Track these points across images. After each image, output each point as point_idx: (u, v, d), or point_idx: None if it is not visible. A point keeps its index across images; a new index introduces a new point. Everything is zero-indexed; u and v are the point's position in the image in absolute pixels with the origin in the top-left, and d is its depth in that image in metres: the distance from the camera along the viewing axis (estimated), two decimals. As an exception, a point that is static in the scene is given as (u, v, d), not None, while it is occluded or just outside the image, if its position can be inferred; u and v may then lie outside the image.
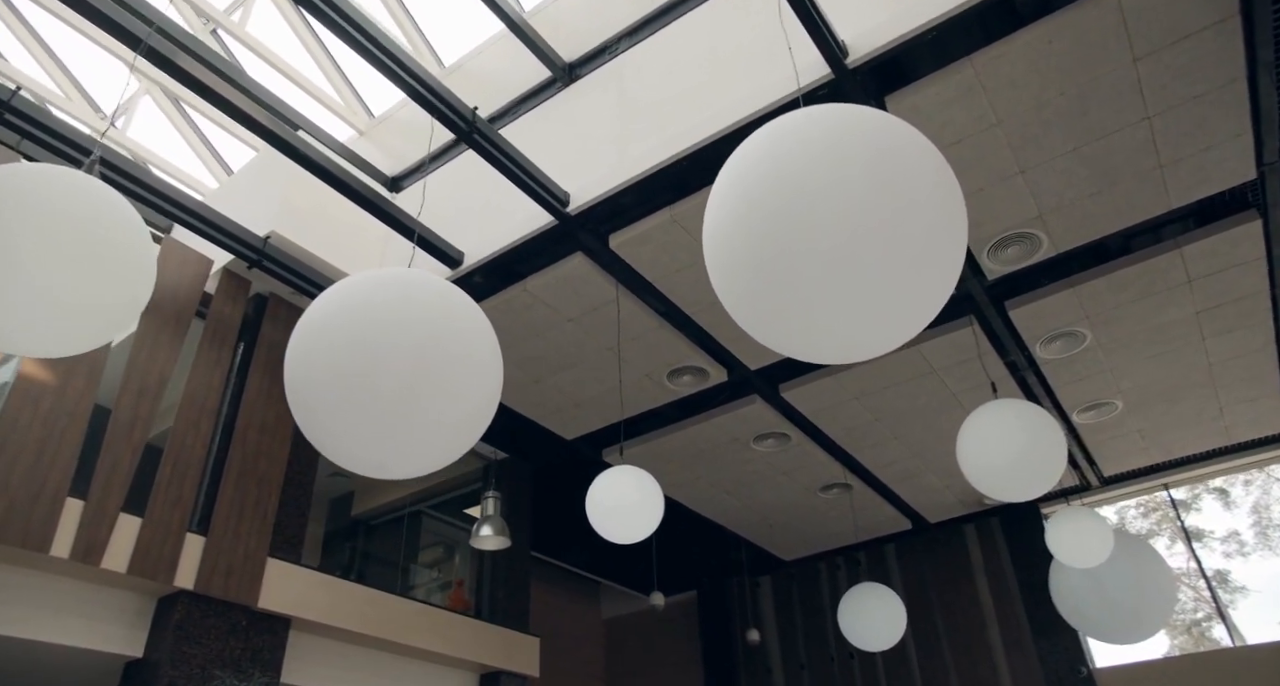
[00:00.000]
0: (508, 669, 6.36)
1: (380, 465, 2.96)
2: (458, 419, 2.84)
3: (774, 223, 2.13)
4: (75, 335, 2.49)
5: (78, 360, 4.76)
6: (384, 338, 2.71)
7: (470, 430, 2.96)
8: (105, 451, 4.68)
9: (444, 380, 2.76)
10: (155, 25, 4.10)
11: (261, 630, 4.96)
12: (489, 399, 2.93)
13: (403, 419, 2.73)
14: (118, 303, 2.55)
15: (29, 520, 4.23)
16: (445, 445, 2.93)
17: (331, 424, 2.80)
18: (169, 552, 4.67)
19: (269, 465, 5.43)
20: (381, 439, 2.81)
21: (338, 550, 8.74)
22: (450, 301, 2.93)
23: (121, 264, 2.56)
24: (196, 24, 8.10)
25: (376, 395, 2.69)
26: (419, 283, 2.92)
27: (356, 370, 2.69)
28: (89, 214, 2.55)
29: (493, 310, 5.78)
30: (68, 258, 2.44)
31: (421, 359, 2.72)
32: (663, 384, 6.50)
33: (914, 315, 2.25)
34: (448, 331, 2.83)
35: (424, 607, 6.05)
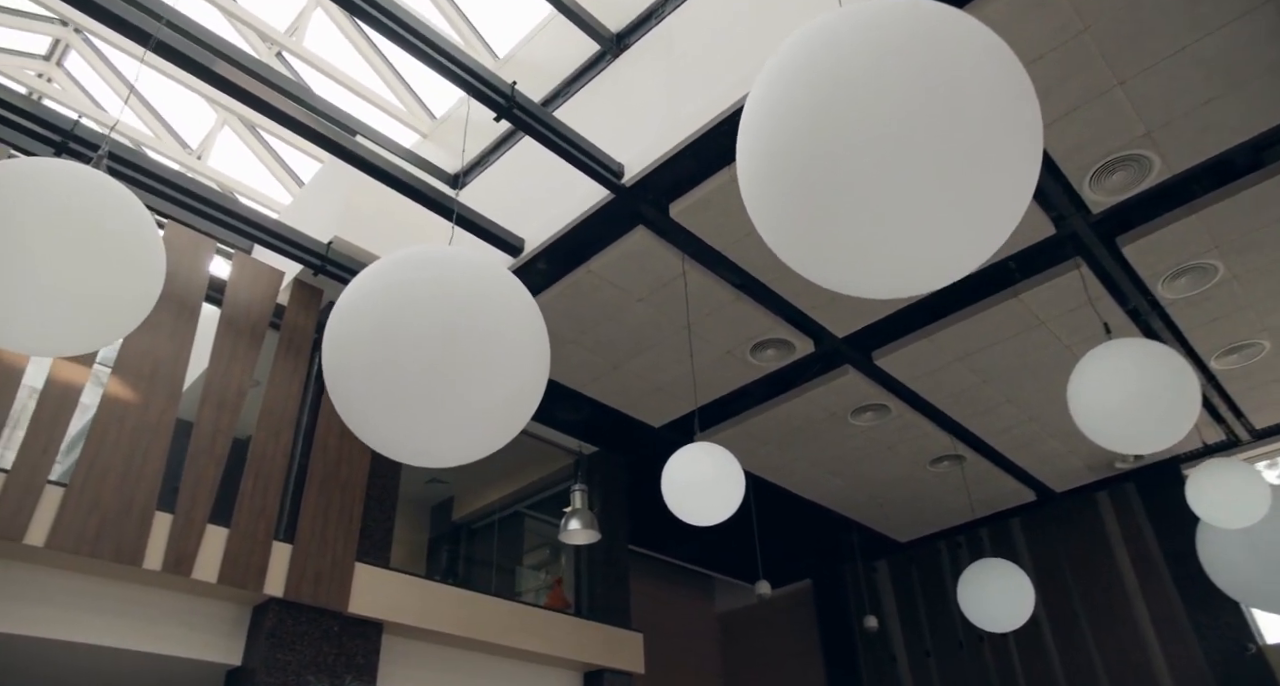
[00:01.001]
0: (611, 666, 6.17)
1: (422, 452, 2.79)
2: (492, 400, 2.63)
3: (811, 119, 1.82)
4: (84, 332, 2.41)
5: (159, 377, 4.84)
6: (409, 317, 2.54)
7: (512, 413, 2.75)
8: (189, 465, 4.73)
9: (473, 359, 2.56)
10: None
11: (354, 635, 4.92)
12: (529, 378, 2.72)
13: (432, 402, 2.56)
14: (127, 297, 2.46)
15: (121, 534, 4.30)
16: (484, 429, 2.74)
17: (367, 410, 2.64)
18: (257, 561, 4.68)
19: (351, 470, 5.41)
20: (414, 424, 2.64)
21: (442, 556, 8.78)
22: (479, 276, 2.73)
23: (128, 257, 2.47)
24: (262, 49, 8.29)
25: (404, 378, 2.52)
26: (447, 259, 2.73)
27: (383, 353, 2.53)
28: (94, 208, 2.46)
29: (559, 297, 5.61)
30: (73, 252, 2.35)
31: (448, 338, 2.53)
32: (746, 360, 6.17)
33: (982, 228, 1.90)
34: (477, 308, 2.63)
35: (521, 607, 5.92)
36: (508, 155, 6.39)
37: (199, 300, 5.29)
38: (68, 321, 2.36)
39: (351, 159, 4.97)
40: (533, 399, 2.82)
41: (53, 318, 2.33)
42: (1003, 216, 1.88)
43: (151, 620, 4.42)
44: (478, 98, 4.44)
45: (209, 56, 4.42)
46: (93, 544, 4.19)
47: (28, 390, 4.57)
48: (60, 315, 2.34)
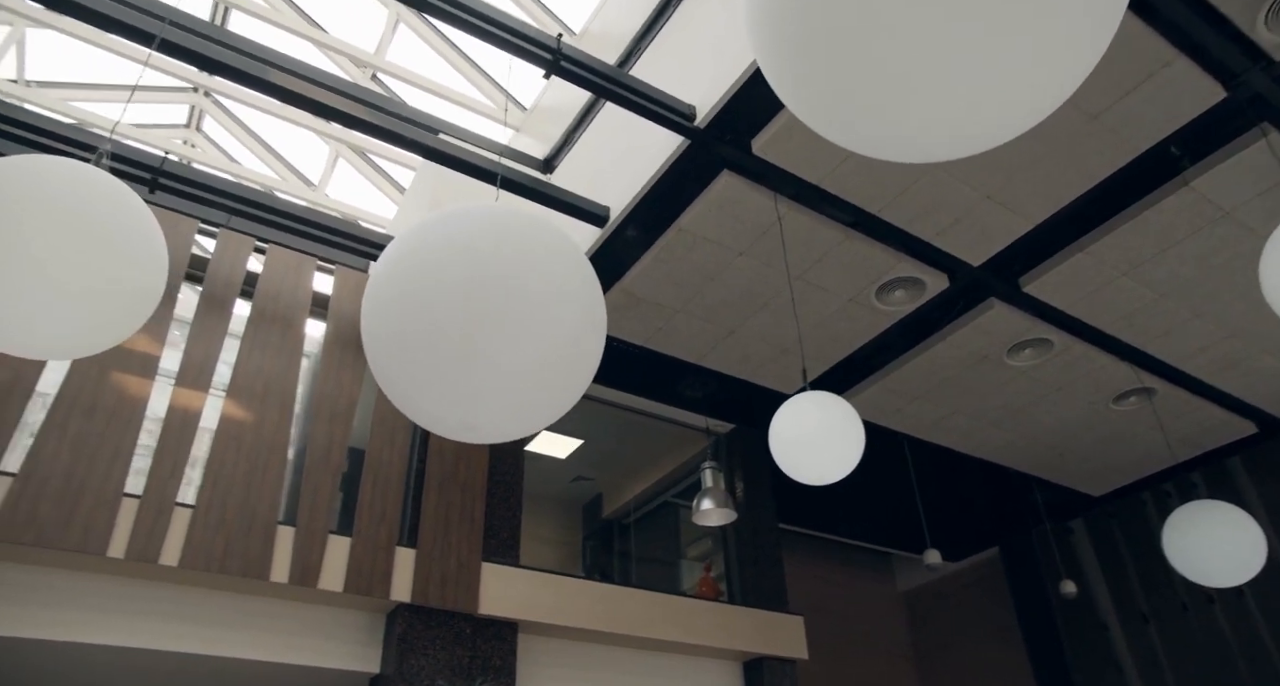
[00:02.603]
0: (771, 654, 5.71)
1: (468, 426, 2.51)
2: (525, 361, 2.31)
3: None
4: (87, 331, 2.29)
5: (271, 395, 4.89)
6: (433, 279, 2.27)
7: (557, 376, 2.42)
8: (307, 477, 4.74)
9: (495, 315, 2.25)
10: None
11: (488, 636, 4.76)
12: (570, 333, 2.38)
13: (459, 367, 2.27)
14: (128, 292, 2.33)
15: (247, 550, 4.33)
16: (526, 395, 2.41)
17: (405, 385, 2.39)
18: (381, 568, 4.61)
19: (469, 470, 5.28)
20: (447, 394, 2.36)
21: (598, 555, 8.61)
22: (504, 227, 2.42)
23: (127, 253, 2.35)
24: (356, 73, 8.48)
25: (429, 344, 2.26)
26: (470, 214, 2.44)
27: (406, 320, 2.27)
28: (92, 205, 2.36)
29: (656, 263, 5.25)
30: (69, 248, 2.24)
31: (467, 294, 2.24)
32: (872, 306, 5.56)
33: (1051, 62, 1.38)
34: (502, 261, 2.33)
35: (667, 598, 5.59)
36: (590, 129, 6.13)
37: (304, 317, 5.34)
38: (69, 321, 2.25)
39: (434, 156, 4.93)
40: (583, 358, 2.47)
41: (53, 317, 2.22)
42: (1079, 47, 1.35)
43: (288, 632, 4.43)
44: (523, 56, 4.17)
45: (309, 87, 4.60)
46: (222, 561, 4.24)
47: (151, 420, 4.73)
48: (61, 315, 2.23)
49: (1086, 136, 4.31)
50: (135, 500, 4.21)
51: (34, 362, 4.38)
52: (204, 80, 9.06)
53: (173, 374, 4.77)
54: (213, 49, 4.48)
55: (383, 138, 4.90)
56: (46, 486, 4.04)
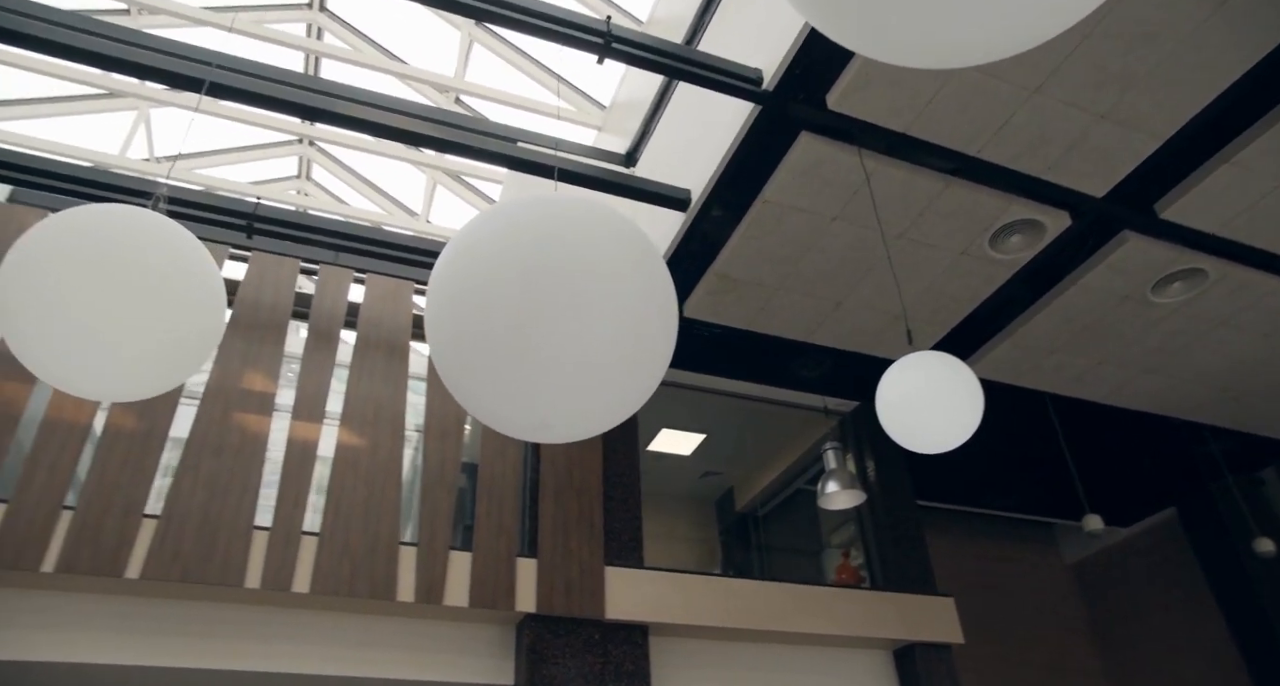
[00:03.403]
0: (921, 639, 5.34)
1: (542, 425, 2.39)
2: (593, 352, 2.17)
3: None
4: (150, 374, 2.32)
5: (382, 419, 4.98)
6: (483, 275, 2.17)
7: (630, 364, 2.27)
8: (424, 496, 4.79)
9: (555, 307, 2.12)
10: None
11: (618, 641, 4.65)
12: (638, 318, 2.22)
13: (525, 365, 2.16)
14: (189, 335, 2.35)
15: (373, 572, 4.40)
16: (592, 390, 2.27)
17: (471, 388, 2.30)
18: (504, 580, 4.59)
19: (584, 474, 5.21)
20: (517, 394, 2.25)
21: (735, 550, 8.39)
22: (553, 214, 2.29)
23: (189, 297, 2.36)
24: (439, 98, 8.65)
25: (492, 343, 2.15)
26: (516, 205, 2.33)
27: (468, 320, 2.18)
28: (154, 250, 2.38)
29: (747, 240, 5.02)
30: (133, 295, 2.27)
31: (526, 288, 2.12)
32: (988, 257, 5.11)
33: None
34: (552, 248, 2.20)
35: (803, 589, 5.32)
36: (664, 116, 5.96)
37: (406, 340, 5.42)
38: (132, 364, 2.28)
39: (514, 164, 4.96)
40: (652, 341, 2.31)
41: (117, 361, 2.26)
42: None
43: (420, 649, 4.47)
44: (574, 44, 4.05)
45: (396, 118, 4.77)
46: (350, 584, 4.32)
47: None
48: (124, 358, 2.26)
49: (1211, 29, 3.77)
50: (265, 532, 4.35)
51: (166, 410, 4.62)
52: (307, 130, 9.49)
53: (289, 408, 4.93)
54: (310, 97, 4.69)
55: (466, 154, 4.97)
56: (186, 524, 4.24)
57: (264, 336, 5.10)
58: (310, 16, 8.33)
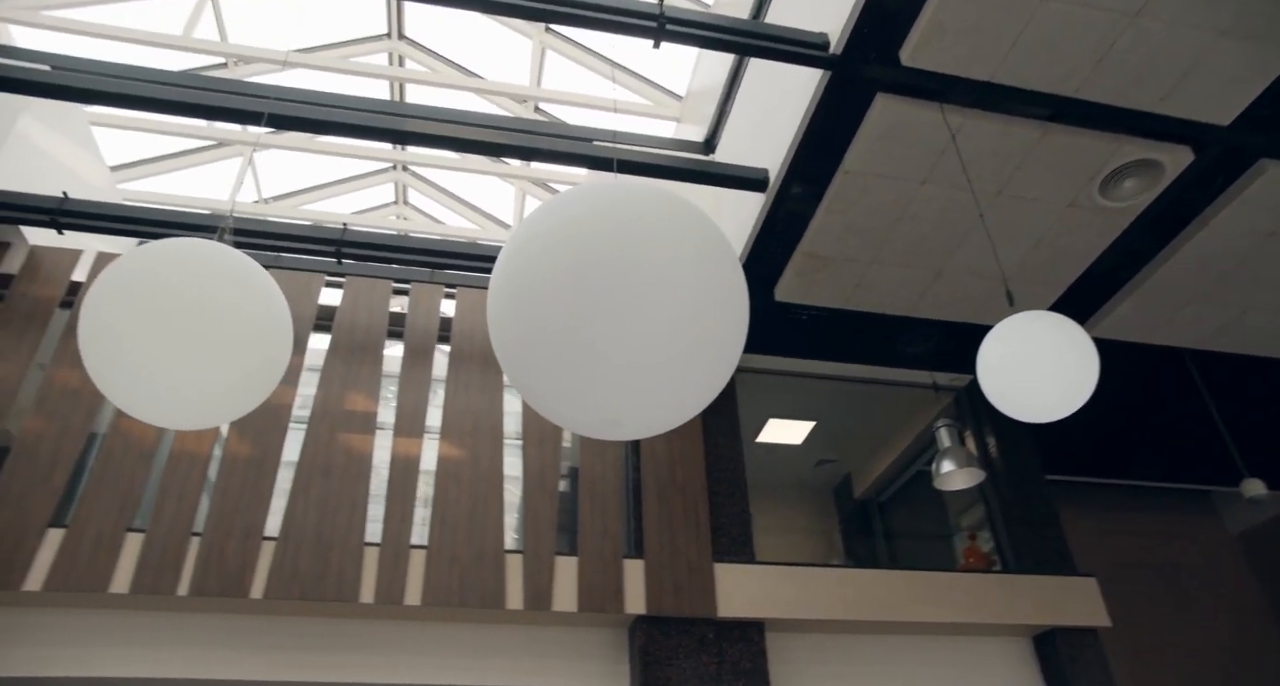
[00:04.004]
0: (1062, 624, 4.94)
1: (612, 423, 2.30)
2: (652, 344, 2.07)
3: None
4: (220, 404, 2.36)
5: (480, 430, 5.03)
6: (538, 271, 2.10)
7: (699, 356, 2.16)
8: (526, 503, 4.79)
9: (610, 299, 2.03)
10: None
11: (733, 639, 4.51)
12: (702, 308, 2.11)
13: (586, 359, 2.08)
14: (256, 365, 2.37)
15: (481, 582, 4.43)
16: (665, 383, 2.16)
17: (536, 387, 2.23)
18: (611, 583, 4.53)
19: (687, 471, 5.10)
20: (581, 390, 2.17)
21: (857, 539, 8.08)
22: (606, 205, 2.20)
23: (257, 327, 2.39)
24: (518, 109, 8.74)
25: (551, 339, 2.08)
26: (569, 196, 2.25)
27: (528, 318, 2.12)
28: (223, 281, 2.42)
29: (832, 216, 4.79)
30: (202, 326, 2.31)
31: (581, 280, 2.04)
32: (1099, 206, 4.68)
33: None
34: (605, 236, 2.11)
35: (928, 576, 5.03)
36: (737, 97, 5.79)
37: (497, 350, 5.45)
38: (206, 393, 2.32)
39: (592, 163, 4.94)
40: (721, 333, 2.19)
41: (192, 389, 2.30)
42: None
43: (535, 655, 4.48)
44: (627, 32, 3.95)
45: (476, 132, 4.88)
46: (459, 594, 4.36)
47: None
48: (199, 387, 2.31)
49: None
50: (376, 548, 4.45)
51: (277, 436, 4.80)
52: (400, 156, 9.78)
53: (391, 426, 5.04)
54: (397, 122, 4.81)
55: (543, 158, 5.01)
56: (302, 545, 4.38)
57: (362, 358, 5.23)
58: (391, 46, 8.56)
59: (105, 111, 7.31)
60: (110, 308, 2.24)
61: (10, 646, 4.04)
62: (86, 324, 2.25)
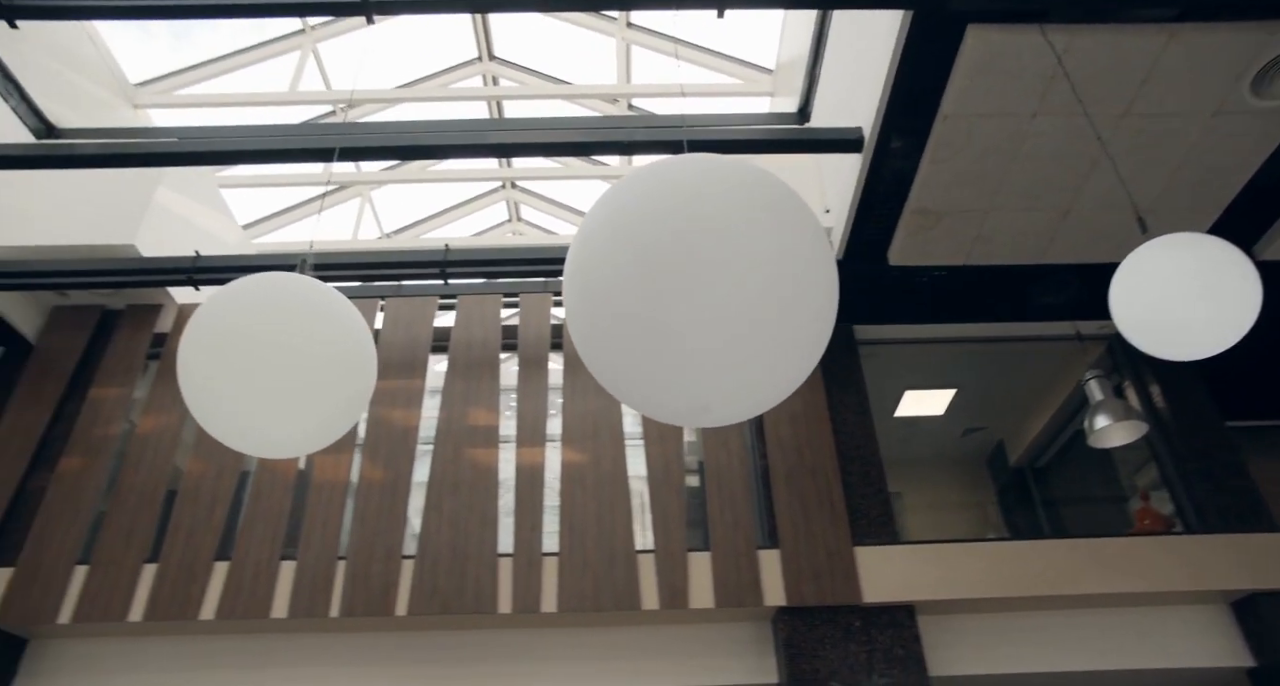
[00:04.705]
0: (1265, 587, 4.36)
1: (701, 409, 2.18)
2: (731, 322, 1.94)
3: None
4: (313, 432, 2.40)
5: (601, 432, 5.00)
6: (608, 255, 2.01)
7: (785, 329, 2.01)
8: (654, 501, 4.72)
9: (683, 278, 1.91)
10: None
11: (882, 625, 4.25)
12: (782, 279, 1.96)
13: (662, 344, 1.97)
14: (346, 396, 2.40)
15: (614, 584, 4.39)
16: (749, 362, 2.02)
17: (620, 376, 2.13)
18: (747, 575, 4.38)
19: (816, 453, 4.87)
20: (662, 377, 2.06)
21: (1017, 510, 7.53)
22: (673, 180, 2.08)
23: (345, 358, 2.42)
24: (605, 107, 8.74)
25: (627, 324, 1.98)
26: (640, 174, 2.15)
27: (602, 305, 2.03)
28: (309, 313, 2.47)
29: (937, 167, 4.47)
30: (296, 357, 2.36)
31: (650, 262, 1.94)
32: (1253, 109, 4.11)
33: None
34: (671, 214, 1.99)
35: (1099, 543, 4.56)
36: (824, 61, 5.52)
37: (609, 349, 5.41)
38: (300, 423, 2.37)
39: (691, 148, 4.83)
40: (806, 303, 2.03)
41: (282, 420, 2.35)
42: None
43: (676, 654, 4.39)
44: (688, 6, 3.79)
45: (570, 134, 4.90)
46: (594, 599, 4.34)
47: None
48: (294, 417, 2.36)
49: None
50: (509, 558, 4.49)
51: (406, 458, 4.95)
52: (508, 173, 10.00)
53: (513, 437, 5.09)
54: (497, 136, 4.88)
55: (635, 151, 4.95)
56: (439, 561, 4.49)
57: (480, 373, 5.32)
58: (483, 68, 8.75)
59: (231, 174, 7.86)
60: (199, 346, 2.32)
61: (188, 671, 4.35)
62: (182, 364, 2.34)
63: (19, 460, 4.94)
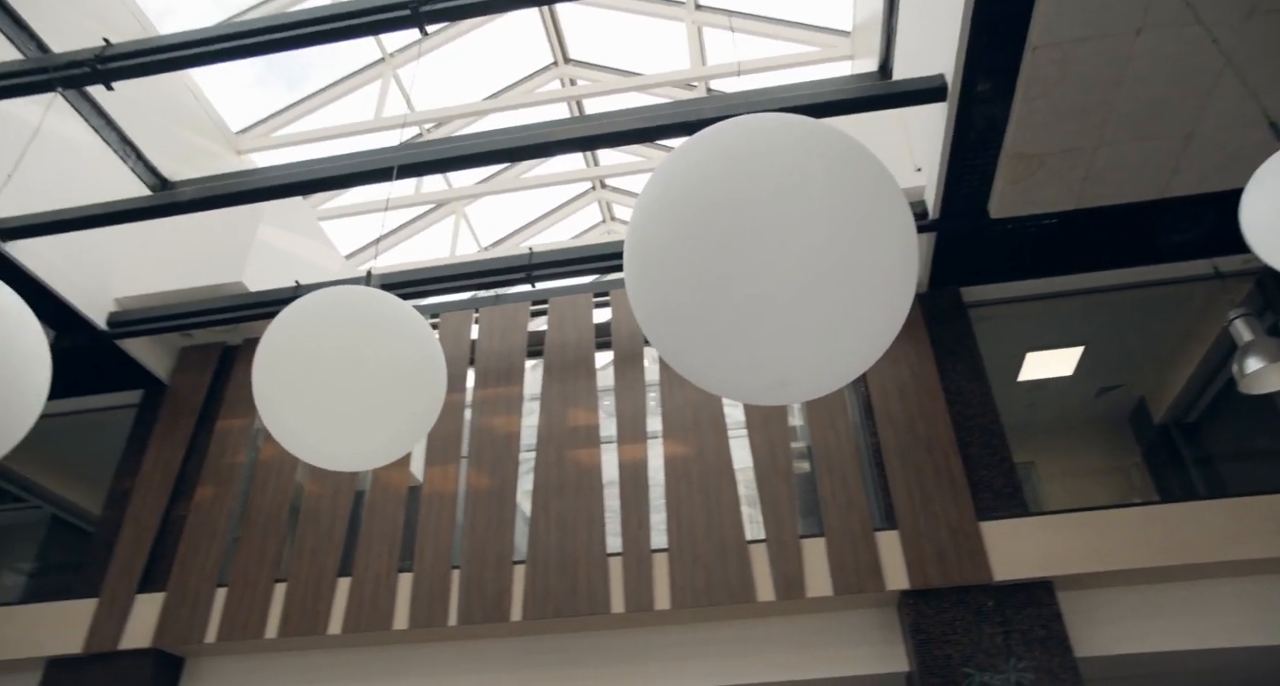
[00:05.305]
0: None
1: (779, 385, 2.07)
2: (801, 287, 1.82)
3: None
4: (386, 445, 2.39)
5: (702, 422, 4.89)
6: (666, 233, 1.92)
7: (860, 290, 1.89)
8: (762, 488, 4.56)
9: (745, 247, 1.81)
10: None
11: (1018, 605, 3.93)
12: (852, 239, 1.84)
13: (730, 318, 1.87)
14: (419, 409, 2.39)
15: (727, 577, 4.27)
16: (826, 328, 1.89)
17: (692, 356, 2.04)
18: (865, 559, 4.16)
19: (929, 426, 4.59)
20: (736, 353, 1.96)
21: (1167, 471, 6.89)
22: (729, 143, 1.97)
23: (417, 373, 2.41)
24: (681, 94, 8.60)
25: (692, 301, 1.89)
26: (690, 143, 2.04)
27: (665, 284, 1.93)
28: (379, 326, 2.47)
29: (1031, 105, 4.12)
30: (370, 374, 2.36)
31: (708, 234, 1.84)
32: (1400, -8, 3.57)
33: None
34: (724, 179, 1.89)
35: (1255, 502, 4.08)
36: (900, 13, 5.22)
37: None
38: (375, 438, 2.37)
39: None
40: (881, 262, 1.90)
41: (353, 434, 2.35)
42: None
43: (797, 647, 4.22)
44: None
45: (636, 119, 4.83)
46: (707, 593, 4.22)
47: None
48: (359, 431, 2.35)
49: None
50: (619, 557, 4.43)
51: (510, 465, 4.98)
52: (596, 172, 10.02)
53: (614, 436, 5.04)
54: (581, 129, 4.83)
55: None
56: (549, 564, 4.48)
57: (576, 374, 5.30)
58: (560, 72, 8.80)
59: (330, 206, 8.18)
60: (267, 364, 2.35)
61: (320, 684, 4.51)
62: (257, 381, 2.37)
63: (162, 493, 5.26)
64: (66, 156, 5.09)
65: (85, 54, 4.02)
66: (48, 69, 4.06)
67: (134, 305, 5.60)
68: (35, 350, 2.44)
